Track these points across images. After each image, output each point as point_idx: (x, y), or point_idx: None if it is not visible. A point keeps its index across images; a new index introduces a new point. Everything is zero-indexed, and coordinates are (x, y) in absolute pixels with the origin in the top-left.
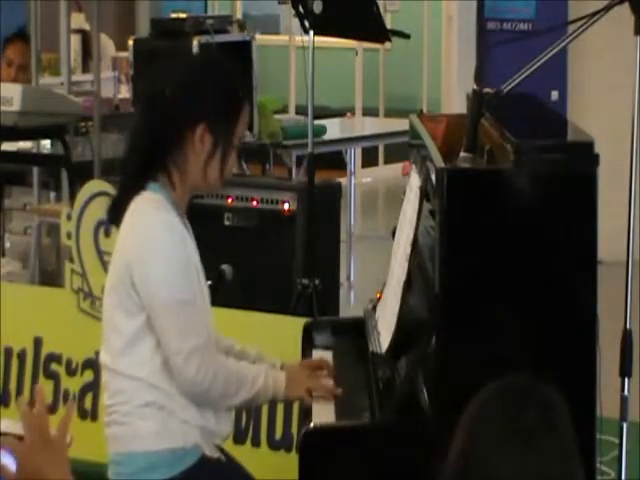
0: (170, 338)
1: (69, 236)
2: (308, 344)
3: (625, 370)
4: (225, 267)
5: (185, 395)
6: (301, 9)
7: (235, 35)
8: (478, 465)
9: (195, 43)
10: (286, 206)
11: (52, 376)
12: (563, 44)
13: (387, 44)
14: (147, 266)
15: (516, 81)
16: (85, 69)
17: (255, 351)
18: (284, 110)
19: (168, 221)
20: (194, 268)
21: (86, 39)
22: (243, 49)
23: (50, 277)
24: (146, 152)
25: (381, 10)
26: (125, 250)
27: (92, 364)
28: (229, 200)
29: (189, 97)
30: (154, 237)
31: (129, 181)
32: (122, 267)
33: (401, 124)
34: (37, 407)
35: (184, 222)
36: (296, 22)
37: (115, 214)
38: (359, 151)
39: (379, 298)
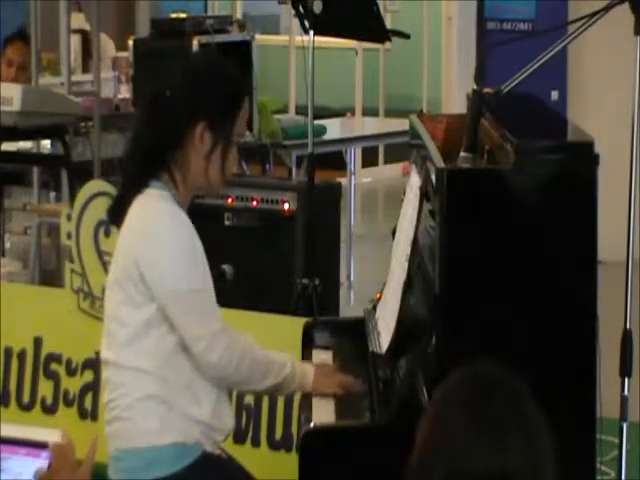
0: (189, 326)
1: (69, 236)
2: (308, 344)
3: (625, 370)
4: (225, 267)
5: (208, 378)
6: (301, 9)
7: (235, 35)
8: (443, 452)
9: (195, 43)
10: (286, 206)
11: (52, 376)
12: (563, 44)
13: (387, 44)
14: (156, 258)
15: (516, 81)
16: (85, 69)
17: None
18: (284, 110)
19: (173, 212)
20: (200, 257)
21: (86, 39)
22: (243, 49)
23: (50, 277)
24: (148, 152)
25: (381, 10)
26: (131, 244)
27: (92, 364)
28: (229, 200)
29: (189, 96)
30: (160, 229)
31: (131, 181)
32: (128, 260)
33: (401, 124)
34: (65, 440)
35: None
36: (296, 22)
37: (116, 214)
38: (359, 151)
39: (379, 298)
